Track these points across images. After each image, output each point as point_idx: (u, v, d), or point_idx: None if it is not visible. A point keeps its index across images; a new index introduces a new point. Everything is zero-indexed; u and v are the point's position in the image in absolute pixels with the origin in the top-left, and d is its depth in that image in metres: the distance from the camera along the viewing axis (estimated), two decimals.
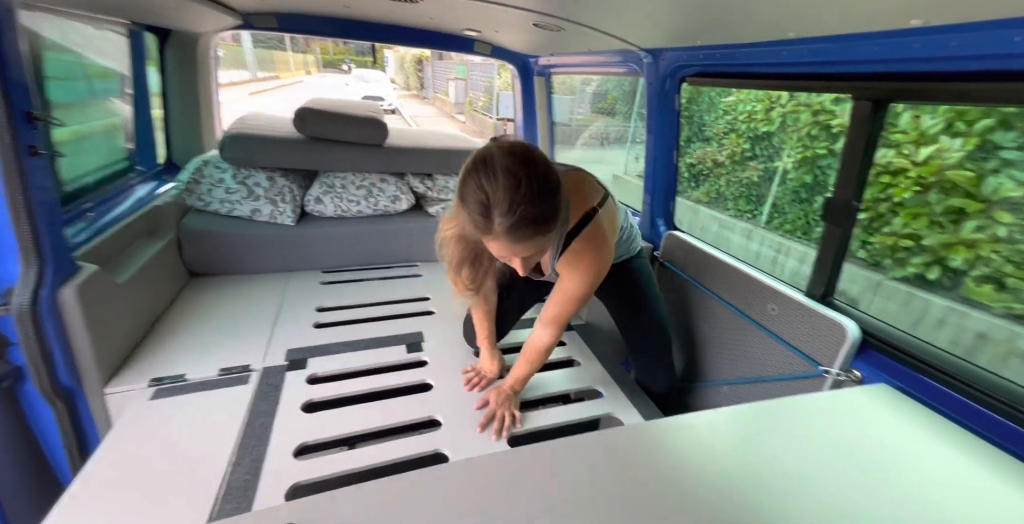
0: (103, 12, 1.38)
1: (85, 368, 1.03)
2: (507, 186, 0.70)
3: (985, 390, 0.81)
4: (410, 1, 1.41)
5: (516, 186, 0.70)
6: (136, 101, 1.79)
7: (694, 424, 0.78)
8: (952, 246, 2.21)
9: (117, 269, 1.24)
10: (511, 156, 0.72)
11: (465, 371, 1.26)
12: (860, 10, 0.74)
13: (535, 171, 0.71)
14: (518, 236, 0.73)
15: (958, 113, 2.24)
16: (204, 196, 1.69)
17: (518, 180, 0.70)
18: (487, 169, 0.71)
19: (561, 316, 1.04)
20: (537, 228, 0.73)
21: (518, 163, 0.71)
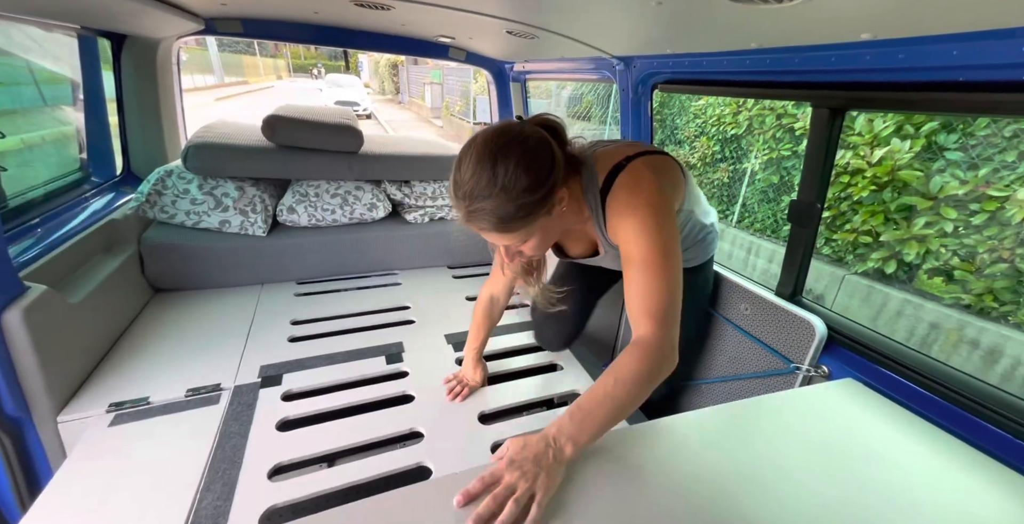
0: (50, 17, 1.30)
1: (34, 396, 0.96)
2: (471, 174, 0.67)
3: (942, 382, 0.86)
4: (382, 8, 1.40)
5: (478, 177, 0.67)
6: (89, 108, 1.69)
7: (676, 426, 0.79)
8: (906, 241, 2.35)
9: (71, 288, 1.17)
10: (487, 145, 0.68)
11: (447, 380, 1.24)
12: (816, 24, 0.78)
13: (506, 165, 0.66)
14: (477, 225, 0.70)
15: (907, 116, 2.39)
16: (168, 208, 1.62)
17: (482, 171, 0.67)
18: (464, 151, 0.70)
19: (651, 301, 0.70)
20: (496, 222, 0.68)
21: (490, 153, 0.67)
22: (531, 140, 0.69)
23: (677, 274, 0.72)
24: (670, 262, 0.71)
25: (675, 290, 0.71)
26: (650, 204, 0.74)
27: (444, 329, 1.52)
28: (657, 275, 0.71)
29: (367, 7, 1.40)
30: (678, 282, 0.72)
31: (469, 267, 2.09)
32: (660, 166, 0.82)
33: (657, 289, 0.70)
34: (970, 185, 2.16)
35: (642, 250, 0.72)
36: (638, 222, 0.73)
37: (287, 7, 1.58)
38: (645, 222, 0.73)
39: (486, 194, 0.67)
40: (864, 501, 0.65)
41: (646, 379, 0.65)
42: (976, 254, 2.17)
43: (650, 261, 0.71)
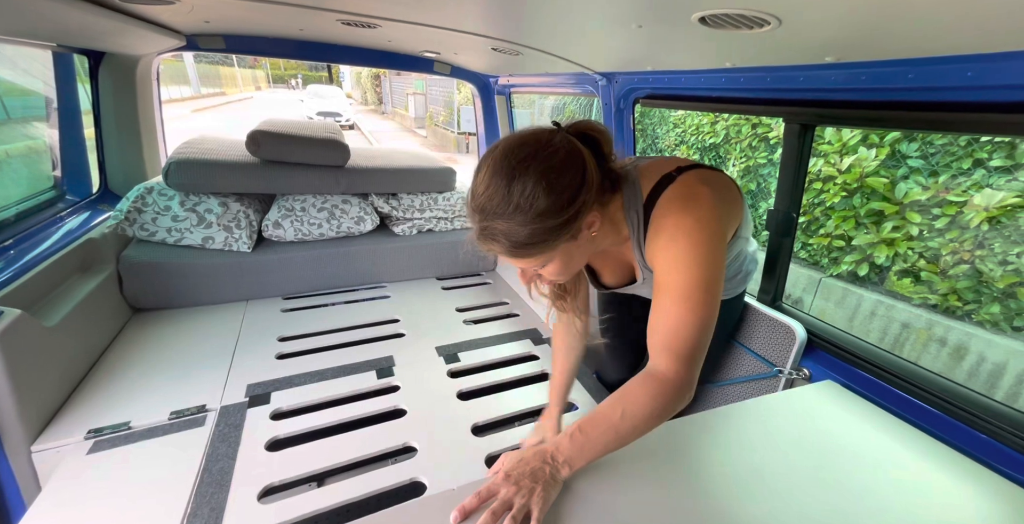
0: (27, 38, 1.28)
1: (6, 425, 0.92)
2: (485, 188, 0.60)
3: (915, 382, 0.91)
4: (368, 26, 1.42)
5: (492, 193, 0.59)
6: (64, 125, 1.65)
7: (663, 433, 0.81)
8: (875, 245, 2.46)
9: (45, 311, 1.13)
10: (506, 156, 0.60)
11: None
12: (784, 48, 0.83)
13: (524, 183, 0.58)
14: (487, 245, 0.63)
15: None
16: (148, 225, 1.58)
17: (497, 186, 0.59)
18: (484, 158, 0.61)
19: (681, 338, 0.62)
20: (508, 246, 0.61)
21: (508, 166, 0.59)
22: (559, 155, 0.60)
23: (714, 311, 0.63)
24: (710, 297, 0.62)
25: (708, 329, 0.63)
26: (702, 226, 0.63)
27: (435, 341, 1.52)
28: (693, 311, 0.62)
29: (353, 25, 1.41)
30: (712, 319, 0.63)
31: (458, 278, 2.10)
32: (716, 182, 0.70)
33: (690, 326, 0.62)
34: (931, 191, 2.29)
35: (683, 280, 0.62)
36: (684, 246, 0.63)
37: (271, 24, 1.59)
38: (693, 248, 0.63)
39: (499, 213, 0.59)
40: (844, 501, 0.68)
41: (656, 418, 0.62)
42: (940, 256, 2.29)
43: (690, 294, 0.62)
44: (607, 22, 0.97)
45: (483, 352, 1.47)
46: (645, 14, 0.84)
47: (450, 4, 1.04)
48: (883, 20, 0.63)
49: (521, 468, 0.60)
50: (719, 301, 0.64)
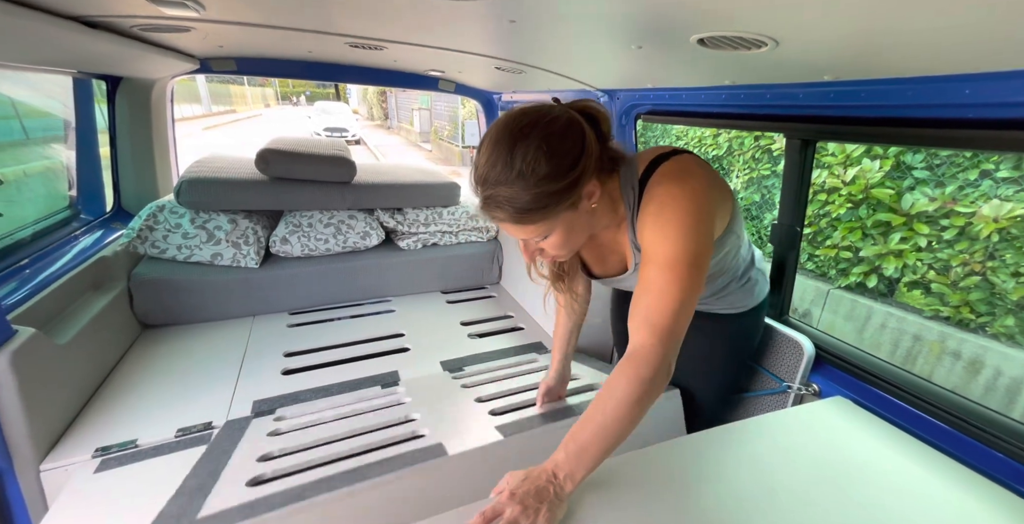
0: (52, 66, 1.33)
1: (17, 444, 0.92)
2: (487, 158, 0.62)
3: (927, 399, 0.89)
4: (374, 48, 1.46)
5: (494, 161, 0.61)
6: (80, 146, 1.70)
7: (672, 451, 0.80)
8: (884, 256, 2.44)
9: (58, 329, 1.15)
10: (508, 125, 0.62)
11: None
12: (782, 67, 0.85)
13: (525, 148, 0.59)
14: (491, 214, 0.64)
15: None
16: (159, 243, 1.61)
17: (499, 154, 0.60)
18: (484, 137, 0.63)
19: (660, 309, 0.62)
20: (512, 212, 0.62)
21: (510, 134, 0.61)
22: (559, 122, 0.61)
23: (696, 286, 0.63)
24: (694, 271, 0.63)
25: (688, 304, 0.63)
26: (691, 197, 0.64)
27: (440, 356, 1.51)
28: (674, 282, 0.62)
29: (361, 47, 1.46)
30: (694, 294, 0.63)
31: (463, 291, 2.10)
32: (708, 167, 0.72)
33: (670, 297, 0.62)
34: (938, 202, 2.28)
35: (669, 250, 0.63)
36: (671, 216, 0.64)
37: (281, 47, 1.64)
38: (681, 218, 0.63)
39: (502, 180, 0.60)
40: (855, 520, 0.66)
41: (638, 402, 0.61)
42: (950, 267, 2.26)
43: (673, 265, 0.62)
44: (608, 43, 0.99)
45: (488, 366, 1.46)
46: (645, 36, 0.86)
47: (454, 27, 1.07)
48: (880, 42, 0.64)
49: (526, 487, 0.59)
50: (703, 278, 0.65)
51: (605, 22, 0.81)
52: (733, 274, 0.91)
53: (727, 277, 0.90)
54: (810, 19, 0.60)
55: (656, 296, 0.63)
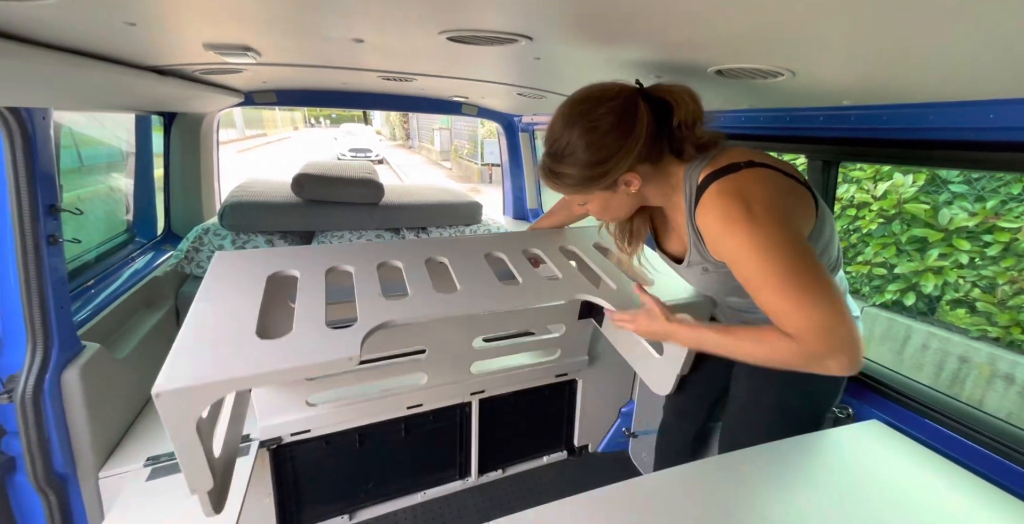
0: (123, 109, 1.48)
1: (81, 453, 1.00)
2: (550, 134, 0.72)
3: (969, 424, 0.85)
4: (405, 80, 1.55)
5: (550, 134, 0.72)
6: (139, 175, 1.86)
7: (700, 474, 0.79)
8: (921, 273, 2.34)
9: (117, 344, 1.24)
10: (569, 108, 0.70)
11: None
12: (800, 93, 0.87)
13: (570, 135, 0.69)
14: (544, 179, 0.75)
15: None
16: (203, 263, 1.72)
17: (555, 130, 0.71)
18: (560, 106, 0.72)
19: (779, 310, 0.62)
20: (550, 177, 0.74)
21: (564, 117, 0.70)
22: (607, 117, 0.67)
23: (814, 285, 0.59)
24: (799, 276, 0.59)
25: (818, 302, 0.59)
26: (745, 221, 0.62)
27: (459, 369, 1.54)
28: (782, 295, 0.60)
29: (392, 80, 1.56)
30: (819, 293, 0.59)
31: None
32: (781, 186, 0.67)
33: (789, 311, 0.60)
34: (979, 217, 2.18)
35: (748, 266, 0.62)
36: (742, 238, 0.62)
37: (318, 80, 1.76)
38: (751, 238, 0.61)
39: (551, 152, 0.72)
40: None
41: (766, 361, 0.65)
42: (996, 285, 2.15)
43: (768, 281, 0.61)
44: (628, 73, 1.04)
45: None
46: (664, 68, 0.90)
47: (480, 61, 1.14)
48: (898, 70, 0.65)
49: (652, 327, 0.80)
50: (819, 274, 0.60)
51: (627, 57, 0.86)
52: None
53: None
54: (826, 51, 0.63)
55: (781, 315, 0.62)
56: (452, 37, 0.74)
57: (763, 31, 0.58)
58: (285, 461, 1.28)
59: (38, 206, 0.88)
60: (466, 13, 0.62)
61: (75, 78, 0.86)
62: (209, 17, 0.68)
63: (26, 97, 0.83)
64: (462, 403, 1.49)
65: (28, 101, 0.85)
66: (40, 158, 0.88)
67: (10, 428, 0.92)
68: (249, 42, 0.88)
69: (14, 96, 0.80)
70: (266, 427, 1.20)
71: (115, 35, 0.74)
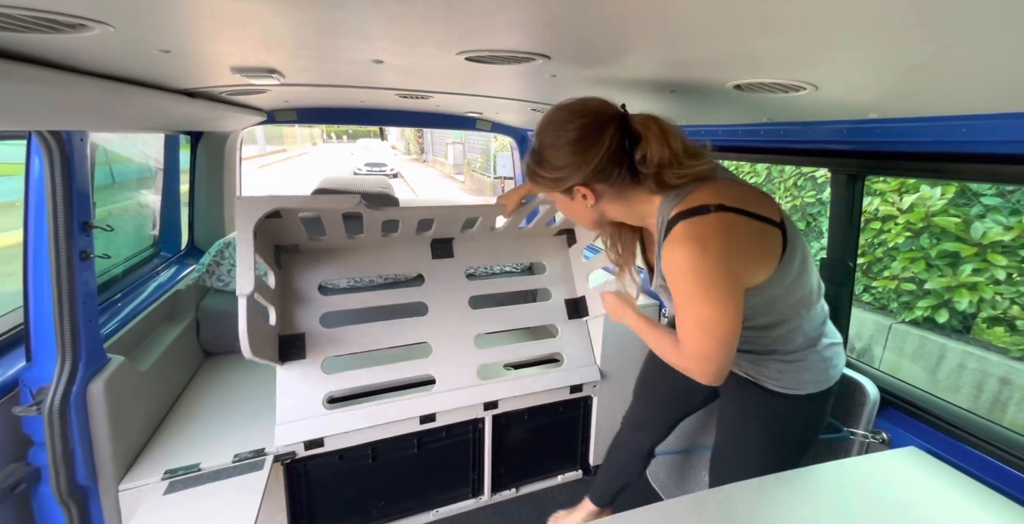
0: (154, 129, 1.55)
1: (102, 465, 1.01)
2: (536, 134, 0.81)
3: (1015, 452, 0.80)
4: (421, 98, 1.59)
5: (537, 140, 0.80)
6: (166, 191, 1.93)
7: (724, 500, 0.75)
8: (955, 289, 2.23)
9: (140, 357, 1.26)
10: (552, 114, 0.79)
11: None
12: (823, 107, 0.85)
13: (541, 139, 0.79)
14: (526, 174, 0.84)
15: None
16: (224, 276, 1.76)
17: (538, 136, 0.80)
18: (547, 112, 0.81)
19: (682, 334, 0.76)
20: (530, 176, 0.83)
21: (546, 124, 0.78)
22: (569, 136, 0.74)
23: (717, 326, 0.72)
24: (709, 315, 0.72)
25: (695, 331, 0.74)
26: (693, 269, 0.71)
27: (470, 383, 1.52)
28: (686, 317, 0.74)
29: (409, 97, 1.59)
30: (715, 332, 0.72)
31: None
32: (742, 232, 0.72)
33: (688, 333, 0.75)
34: (1015, 231, 2.08)
35: (680, 295, 0.74)
36: (682, 283, 0.73)
37: (336, 98, 1.82)
38: (687, 288, 0.73)
39: (532, 151, 0.82)
40: None
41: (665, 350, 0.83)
42: None
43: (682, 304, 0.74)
44: (641, 90, 1.04)
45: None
46: (679, 83, 0.89)
47: (496, 79, 1.16)
48: (929, 83, 0.63)
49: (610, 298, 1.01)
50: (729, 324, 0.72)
51: (641, 75, 0.86)
52: (790, 338, 0.85)
53: (781, 339, 0.86)
54: (851, 65, 0.61)
55: (680, 324, 0.77)
56: (470, 57, 0.76)
57: (785, 46, 0.58)
58: (299, 476, 1.28)
59: (73, 223, 0.92)
60: (485, 35, 0.63)
61: (112, 103, 0.90)
62: (238, 44, 0.71)
63: (66, 121, 0.87)
64: (475, 419, 1.47)
65: (68, 124, 0.89)
66: (77, 177, 0.92)
67: (38, 439, 0.94)
68: (274, 65, 0.91)
69: (55, 120, 0.84)
70: (283, 433, 1.21)
71: (150, 61, 0.77)
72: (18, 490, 0.91)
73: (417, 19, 0.55)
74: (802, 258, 0.79)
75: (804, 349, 0.86)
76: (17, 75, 0.66)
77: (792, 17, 0.47)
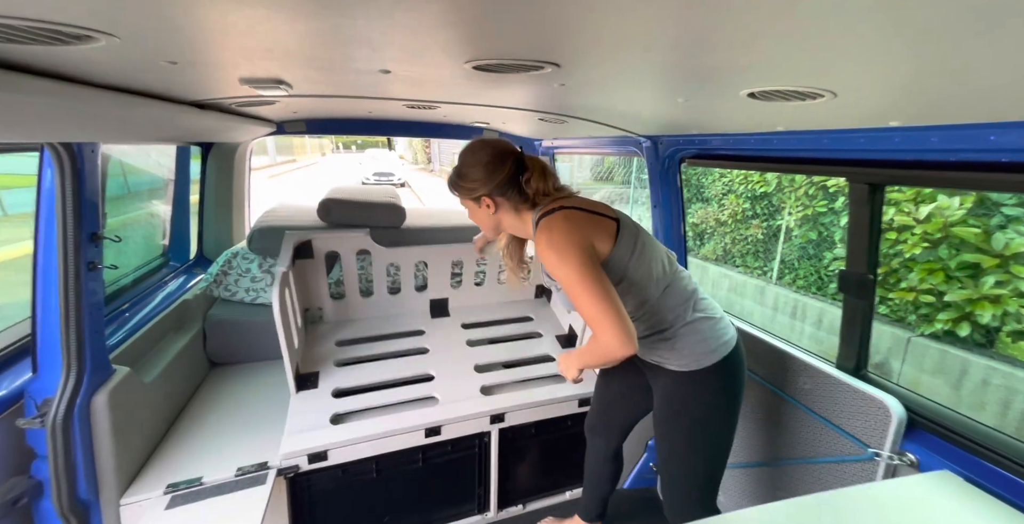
0: (164, 141, 1.58)
1: (104, 479, 1.00)
2: (460, 156, 1.10)
3: None
4: (428, 108, 1.59)
5: (460, 160, 1.10)
6: (176, 202, 1.95)
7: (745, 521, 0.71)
8: (976, 302, 2.16)
9: (146, 367, 1.25)
10: (473, 144, 1.09)
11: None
12: (841, 115, 0.83)
13: (468, 160, 1.07)
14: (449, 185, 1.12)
15: None
16: (231, 286, 1.76)
17: (461, 159, 1.09)
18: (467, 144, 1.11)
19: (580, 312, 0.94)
20: (452, 187, 1.11)
21: (470, 151, 1.08)
22: (481, 161, 1.05)
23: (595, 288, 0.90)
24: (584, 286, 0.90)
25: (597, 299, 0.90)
26: (551, 246, 0.95)
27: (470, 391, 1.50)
28: (580, 295, 0.91)
29: (416, 108, 1.60)
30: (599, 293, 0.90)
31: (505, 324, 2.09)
32: (574, 220, 0.99)
33: (583, 307, 0.91)
34: None
35: (562, 277, 0.94)
36: (547, 260, 0.96)
37: (345, 109, 1.83)
38: (551, 261, 0.94)
39: (456, 167, 1.10)
40: None
41: (595, 346, 0.94)
42: None
43: (570, 285, 0.92)
44: (649, 98, 1.02)
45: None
46: (690, 92, 0.87)
47: (504, 88, 1.15)
48: (955, 89, 0.61)
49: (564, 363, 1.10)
50: (597, 291, 0.90)
51: (650, 83, 0.84)
52: (644, 298, 1.03)
53: (640, 299, 1.04)
54: (872, 71, 0.59)
55: (579, 307, 0.93)
56: (478, 66, 0.75)
57: (802, 53, 0.56)
58: (302, 491, 1.25)
59: (82, 234, 0.92)
60: (494, 43, 0.62)
61: (122, 114, 0.91)
62: (246, 54, 0.71)
63: (78, 133, 0.88)
64: (481, 432, 1.43)
65: (80, 136, 0.89)
66: (87, 188, 0.92)
67: (41, 452, 0.93)
68: (282, 76, 0.91)
69: (67, 132, 0.85)
70: (287, 444, 1.19)
71: (158, 73, 0.77)
72: (20, 504, 0.89)
73: (425, 27, 0.54)
74: (641, 243, 1.01)
75: (677, 326, 1.02)
76: (28, 87, 0.66)
77: (810, 23, 0.45)
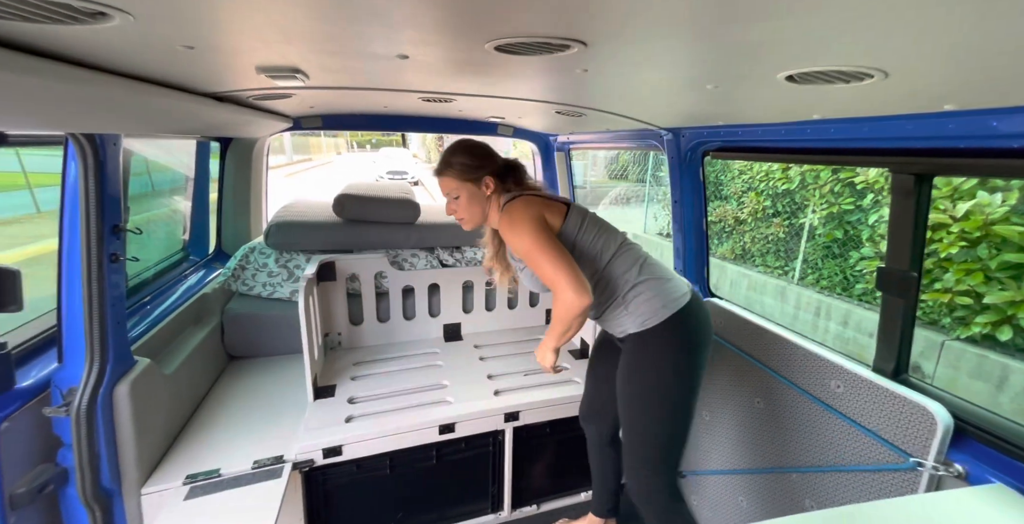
0: (183, 133, 1.59)
1: (126, 468, 1.01)
2: (449, 149, 1.23)
3: None
4: (443, 101, 1.57)
5: (451, 151, 1.22)
6: (196, 200, 1.97)
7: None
8: (1019, 304, 2.04)
9: (166, 360, 1.27)
10: (462, 141, 1.25)
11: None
12: (888, 99, 0.77)
13: (467, 145, 1.23)
14: (439, 171, 1.23)
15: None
16: (248, 281, 1.77)
17: (460, 144, 1.23)
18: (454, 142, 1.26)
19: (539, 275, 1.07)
20: (445, 169, 1.21)
21: (468, 140, 1.25)
22: (484, 149, 1.23)
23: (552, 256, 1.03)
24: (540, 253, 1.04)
25: (539, 268, 1.05)
26: (512, 224, 1.09)
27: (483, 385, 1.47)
28: (539, 261, 1.04)
29: (431, 101, 1.57)
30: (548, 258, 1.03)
31: None
32: (532, 204, 1.13)
33: (540, 269, 1.05)
34: None
35: (520, 249, 1.08)
36: (508, 235, 1.10)
37: (361, 104, 1.82)
38: (511, 236, 1.09)
39: (449, 151, 1.22)
40: None
41: (558, 315, 1.05)
42: None
43: (527, 254, 1.06)
44: (677, 84, 0.97)
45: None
46: (722, 75, 0.83)
47: (522, 76, 1.12)
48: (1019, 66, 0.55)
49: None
50: (552, 252, 1.04)
51: (682, 65, 0.80)
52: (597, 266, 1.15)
53: (592, 269, 1.15)
54: (929, 45, 0.54)
55: (538, 270, 1.06)
56: (500, 46, 0.71)
57: (850, 25, 0.51)
58: (317, 485, 1.25)
59: (104, 226, 0.92)
60: (519, 17, 0.59)
61: (141, 104, 0.91)
62: (260, 37, 0.69)
63: (99, 124, 0.88)
64: (495, 431, 1.41)
65: (100, 127, 0.90)
66: (109, 181, 0.93)
67: (67, 440, 0.94)
68: (298, 64, 0.90)
69: (88, 122, 0.85)
70: (303, 437, 1.20)
71: (175, 59, 0.76)
72: (46, 491, 0.91)
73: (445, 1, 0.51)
74: (589, 220, 1.17)
75: (626, 289, 1.13)
76: (48, 72, 0.66)
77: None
